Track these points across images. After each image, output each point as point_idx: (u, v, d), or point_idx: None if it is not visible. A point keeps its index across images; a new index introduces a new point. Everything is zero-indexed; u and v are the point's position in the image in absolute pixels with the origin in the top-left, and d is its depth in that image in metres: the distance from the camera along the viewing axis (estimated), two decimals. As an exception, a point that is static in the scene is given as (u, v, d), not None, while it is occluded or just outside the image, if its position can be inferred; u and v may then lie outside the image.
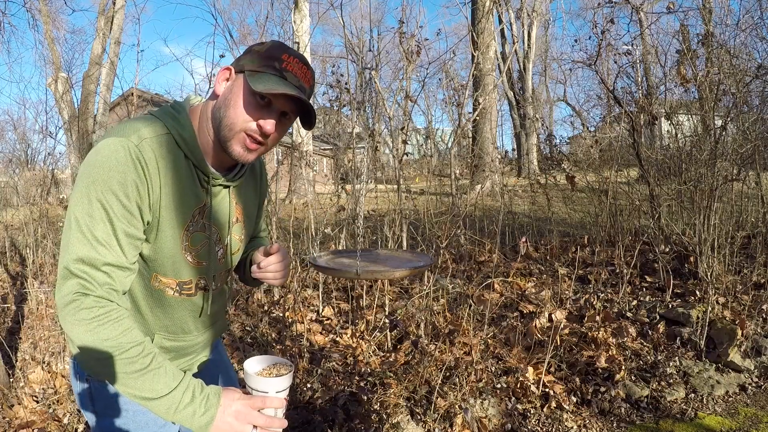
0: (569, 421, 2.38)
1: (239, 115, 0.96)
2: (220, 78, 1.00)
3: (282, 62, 0.95)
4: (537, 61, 20.96)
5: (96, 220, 0.88)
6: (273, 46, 0.98)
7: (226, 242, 1.10)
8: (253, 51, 0.98)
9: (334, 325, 3.27)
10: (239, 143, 0.98)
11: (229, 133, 0.97)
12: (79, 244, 0.87)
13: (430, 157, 6.41)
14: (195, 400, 0.88)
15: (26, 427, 2.39)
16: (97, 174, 0.88)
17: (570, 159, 5.96)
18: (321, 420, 2.25)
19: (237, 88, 0.96)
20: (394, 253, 1.58)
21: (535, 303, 3.51)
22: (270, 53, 0.96)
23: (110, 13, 10.36)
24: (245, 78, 0.95)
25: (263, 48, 0.98)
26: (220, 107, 0.98)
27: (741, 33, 5.31)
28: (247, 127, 0.96)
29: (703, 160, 3.78)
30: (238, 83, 0.97)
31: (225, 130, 0.97)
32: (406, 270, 1.28)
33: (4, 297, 4.41)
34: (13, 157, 12.47)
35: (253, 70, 0.95)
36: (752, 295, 3.31)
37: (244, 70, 0.96)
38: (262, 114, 0.96)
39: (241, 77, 0.97)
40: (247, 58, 0.97)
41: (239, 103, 0.95)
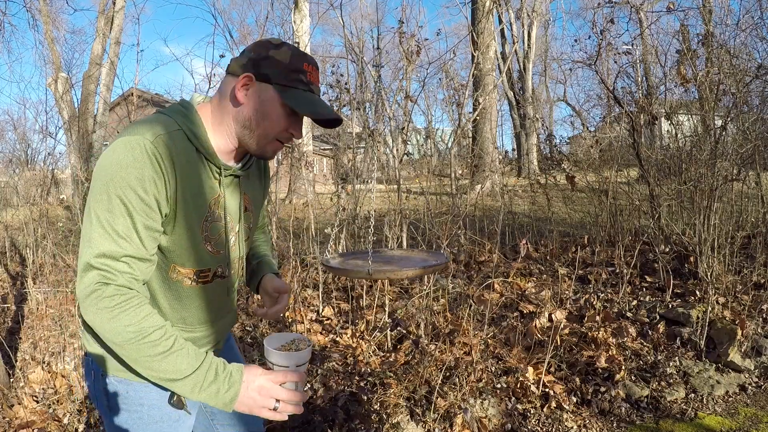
0: (569, 421, 2.38)
1: (275, 127, 1.03)
2: (240, 89, 1.01)
3: (307, 74, 1.03)
4: (537, 61, 20.96)
5: (116, 215, 0.90)
6: (293, 55, 1.02)
7: (237, 230, 1.14)
8: (274, 60, 1.01)
9: (334, 325, 3.27)
10: (272, 148, 1.07)
11: (263, 141, 1.05)
12: (100, 239, 0.90)
13: (430, 157, 6.41)
14: (218, 378, 0.91)
15: (26, 427, 2.39)
16: (114, 171, 0.91)
17: (570, 159, 5.96)
18: (321, 420, 2.25)
19: (269, 100, 1.02)
20: (407, 253, 1.56)
21: (535, 303, 3.51)
22: (294, 65, 1.02)
23: (110, 13, 10.36)
24: (277, 92, 1.01)
25: (285, 57, 1.01)
26: (250, 118, 1.03)
27: (741, 33, 5.31)
28: (280, 135, 1.05)
29: (703, 160, 3.78)
30: (268, 95, 1.02)
31: (260, 138, 1.04)
32: (419, 269, 1.27)
33: (4, 297, 4.41)
34: (13, 157, 12.47)
35: (284, 84, 1.01)
36: (752, 295, 3.31)
37: (272, 81, 1.01)
38: (292, 123, 1.05)
39: (269, 89, 1.01)
40: (271, 68, 1.01)
41: (273, 116, 1.03)
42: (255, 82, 1.01)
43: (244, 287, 3.89)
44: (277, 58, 1.01)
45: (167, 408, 1.08)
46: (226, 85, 1.05)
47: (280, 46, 1.03)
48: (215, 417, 1.28)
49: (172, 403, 1.08)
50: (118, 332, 0.88)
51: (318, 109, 1.03)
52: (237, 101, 1.02)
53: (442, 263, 1.33)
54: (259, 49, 1.02)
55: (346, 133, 6.59)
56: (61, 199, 10.37)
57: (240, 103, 1.02)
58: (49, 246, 5.05)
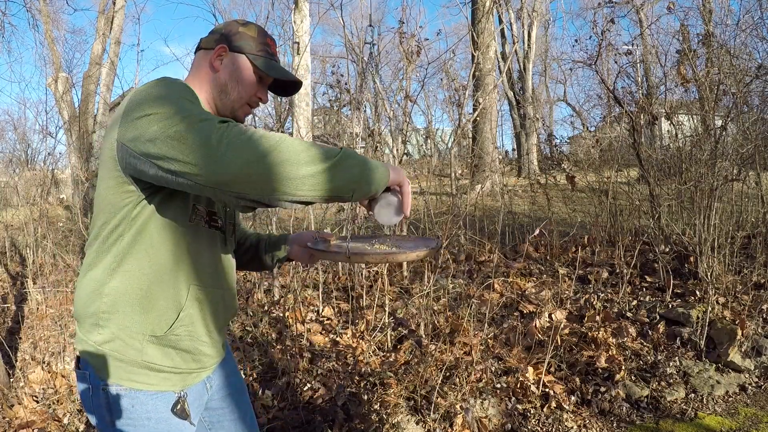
0: (569, 421, 2.38)
1: (248, 90, 1.16)
2: (216, 58, 1.14)
3: (269, 46, 1.18)
4: (537, 61, 20.95)
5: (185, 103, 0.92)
6: (259, 32, 1.18)
7: None
8: (245, 35, 1.15)
9: (334, 325, 3.26)
10: (243, 112, 1.19)
11: (237, 104, 1.17)
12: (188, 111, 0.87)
13: (430, 157, 6.41)
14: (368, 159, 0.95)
15: (26, 427, 2.39)
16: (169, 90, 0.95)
17: (570, 159, 5.96)
18: (321, 420, 2.25)
19: (242, 67, 1.14)
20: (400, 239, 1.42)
21: (535, 303, 3.51)
22: (261, 39, 1.17)
23: (110, 13, 10.36)
24: (250, 60, 1.14)
25: (253, 32, 1.16)
26: (226, 83, 1.14)
27: (741, 33, 5.31)
28: (251, 99, 1.18)
29: (703, 160, 3.78)
30: (242, 63, 1.14)
31: (235, 102, 1.16)
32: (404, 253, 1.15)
33: (4, 297, 4.41)
34: (13, 157, 12.47)
35: (255, 54, 1.15)
36: (752, 295, 3.31)
37: (244, 52, 1.14)
38: (260, 88, 1.19)
39: (242, 57, 1.14)
40: (242, 41, 1.15)
41: (246, 81, 1.15)
42: (229, 53, 1.14)
43: (243, 287, 3.89)
44: (248, 33, 1.16)
45: (173, 420, 1.05)
46: (199, 59, 1.16)
47: (247, 24, 1.18)
48: (213, 426, 1.26)
49: (175, 412, 1.06)
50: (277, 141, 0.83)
51: (284, 73, 1.18)
52: (214, 68, 1.14)
53: (431, 248, 1.19)
54: (229, 27, 1.17)
55: (346, 133, 6.60)
56: (61, 199, 10.37)
57: (216, 71, 1.14)
58: (49, 246, 5.05)
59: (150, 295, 1.01)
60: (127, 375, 1.01)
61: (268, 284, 3.79)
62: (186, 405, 1.08)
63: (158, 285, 1.02)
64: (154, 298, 1.02)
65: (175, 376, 1.07)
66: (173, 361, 1.06)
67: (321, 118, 24.58)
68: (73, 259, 4.99)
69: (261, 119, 9.89)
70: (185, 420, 1.08)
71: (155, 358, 1.03)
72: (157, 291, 1.02)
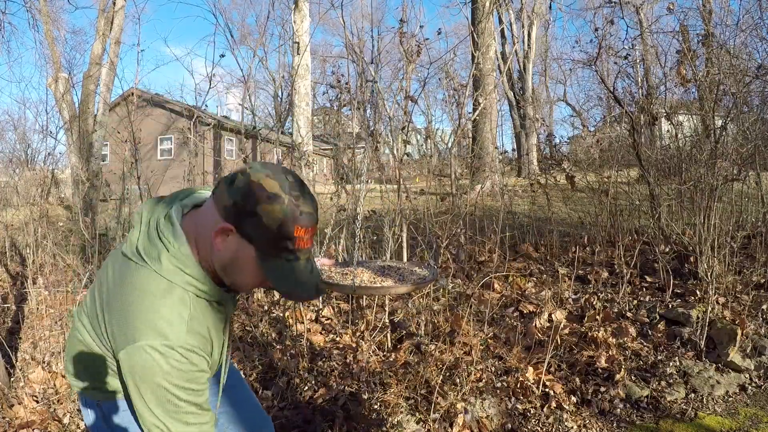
0: (569, 421, 2.38)
1: (249, 281, 1.03)
2: (219, 234, 0.98)
3: (296, 241, 0.96)
4: (537, 61, 20.95)
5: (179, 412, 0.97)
6: (285, 220, 0.94)
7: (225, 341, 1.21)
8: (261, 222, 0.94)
9: (334, 325, 3.26)
10: (247, 289, 1.11)
11: (237, 286, 1.06)
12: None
13: (430, 157, 6.41)
14: None
15: (26, 427, 2.39)
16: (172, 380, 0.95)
17: (570, 159, 5.96)
18: (321, 420, 2.26)
19: (246, 259, 0.98)
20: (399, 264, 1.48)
21: (535, 303, 3.51)
22: (282, 233, 0.94)
23: (110, 13, 10.35)
24: (257, 258, 0.97)
25: (274, 221, 0.94)
26: (226, 266, 1.01)
27: (741, 33, 5.31)
28: (254, 286, 1.08)
29: (703, 160, 3.78)
30: (246, 254, 0.98)
31: (234, 284, 1.05)
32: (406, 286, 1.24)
33: (4, 297, 4.40)
34: (13, 157, 12.46)
35: (265, 252, 0.97)
36: (752, 295, 3.31)
37: (253, 244, 0.96)
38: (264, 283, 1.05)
39: (249, 249, 0.97)
40: (255, 230, 0.95)
41: (249, 274, 1.01)
42: (235, 234, 0.96)
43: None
44: (265, 222, 0.93)
45: None
46: (208, 212, 1.00)
47: (274, 200, 0.93)
48: (220, 417, 1.30)
49: None
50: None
51: (296, 288, 1.01)
52: (214, 246, 0.99)
53: (429, 280, 1.29)
54: (247, 199, 0.94)
55: (346, 133, 6.59)
56: (62, 199, 10.37)
57: (218, 249, 0.99)
58: (49, 246, 5.05)
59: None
60: (114, 394, 1.12)
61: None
62: None
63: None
64: None
65: None
66: None
67: (321, 118, 24.51)
68: (73, 259, 4.99)
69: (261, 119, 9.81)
70: None
71: None
72: None
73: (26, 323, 3.78)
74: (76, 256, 5.08)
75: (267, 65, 27.27)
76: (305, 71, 8.85)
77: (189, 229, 1.02)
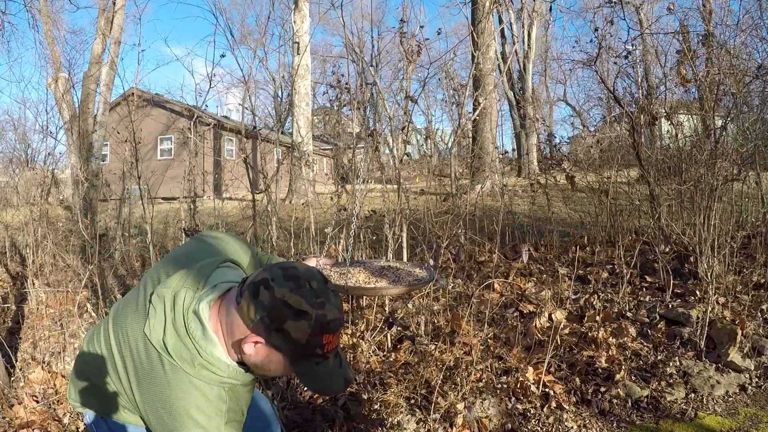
0: (569, 421, 2.38)
1: (280, 375, 1.08)
2: (247, 343, 1.00)
3: (324, 347, 0.99)
4: (537, 61, 20.96)
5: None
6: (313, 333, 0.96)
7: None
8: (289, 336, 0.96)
9: (334, 325, 3.26)
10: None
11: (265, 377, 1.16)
12: None
13: (430, 157, 6.41)
14: None
15: (26, 427, 2.39)
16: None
17: (570, 159, 5.96)
18: (321, 420, 2.26)
19: (277, 363, 1.02)
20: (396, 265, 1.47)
21: (535, 303, 3.51)
22: (311, 344, 0.97)
23: (110, 12, 10.35)
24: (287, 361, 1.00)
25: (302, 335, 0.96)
26: (257, 366, 1.04)
27: (741, 33, 5.31)
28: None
29: (703, 160, 3.78)
30: (276, 360, 1.01)
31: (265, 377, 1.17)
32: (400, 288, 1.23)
33: (4, 297, 4.40)
34: (13, 157, 12.46)
35: (295, 358, 1.00)
36: (752, 295, 3.31)
37: (282, 352, 0.99)
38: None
39: (279, 355, 1.00)
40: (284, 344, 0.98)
41: (279, 371, 1.04)
42: (265, 344, 0.99)
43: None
44: (293, 336, 0.96)
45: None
46: (234, 319, 1.01)
47: (301, 317, 0.95)
48: None
49: None
50: None
51: (326, 387, 1.04)
52: (243, 351, 1.01)
53: (424, 282, 1.29)
54: (274, 317, 0.96)
55: (346, 133, 6.59)
56: (61, 199, 10.37)
57: (248, 354, 1.01)
58: (49, 246, 5.05)
59: None
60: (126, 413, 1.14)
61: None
62: None
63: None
64: None
65: None
66: None
67: (321, 118, 24.47)
68: (73, 259, 4.99)
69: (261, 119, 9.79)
70: None
71: None
72: None
73: (26, 323, 3.78)
74: (76, 256, 5.08)
75: (267, 65, 27.30)
76: (305, 71, 8.84)
77: (218, 329, 1.04)
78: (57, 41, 12.44)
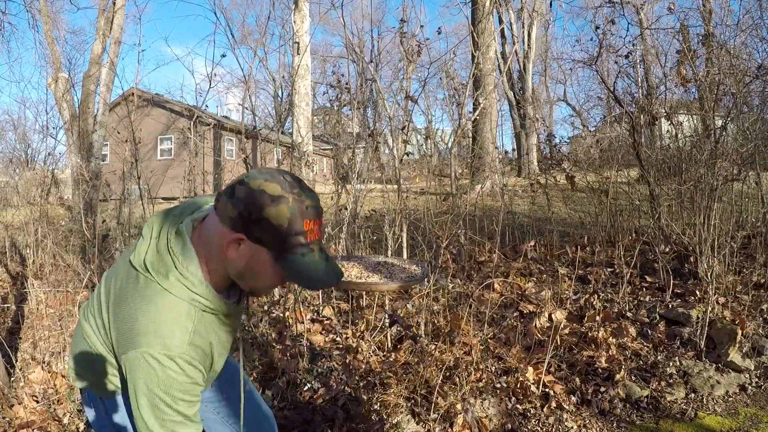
0: (569, 421, 2.38)
1: (267, 283, 1.06)
2: (230, 244, 0.99)
3: (306, 234, 0.97)
4: (537, 61, 20.96)
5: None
6: (292, 216, 0.95)
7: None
8: (269, 224, 0.95)
9: (334, 325, 3.26)
10: (265, 292, 1.17)
11: (256, 291, 1.11)
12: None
13: (430, 157, 6.41)
14: None
15: (26, 427, 2.39)
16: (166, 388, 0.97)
17: (570, 159, 5.96)
18: (321, 420, 2.26)
19: (262, 263, 1.00)
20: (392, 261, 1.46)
21: (535, 303, 3.51)
22: (292, 229, 0.96)
23: (110, 12, 10.35)
24: (272, 258, 0.98)
25: (282, 220, 0.95)
26: (243, 274, 1.03)
27: (741, 33, 5.31)
28: (273, 287, 1.12)
29: (703, 160, 3.78)
30: (261, 258, 0.99)
31: (253, 289, 1.09)
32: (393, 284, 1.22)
33: (4, 297, 4.40)
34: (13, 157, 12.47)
35: (279, 251, 0.98)
36: (752, 295, 3.31)
37: (266, 246, 0.97)
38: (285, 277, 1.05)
39: (263, 251, 0.98)
40: (265, 233, 0.96)
41: (267, 276, 1.02)
42: (247, 241, 0.98)
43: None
44: (273, 223, 0.95)
45: None
46: (214, 230, 1.01)
47: (279, 201, 0.95)
48: (220, 411, 1.34)
49: None
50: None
51: (314, 278, 1.00)
52: (227, 256, 1.00)
53: (419, 279, 1.27)
54: (252, 206, 0.95)
55: (346, 133, 6.59)
56: (62, 199, 10.37)
57: (230, 258, 1.00)
58: (49, 246, 5.05)
59: None
60: (114, 392, 1.14)
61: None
62: None
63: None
64: None
65: None
66: None
67: (321, 118, 24.44)
68: (73, 259, 4.99)
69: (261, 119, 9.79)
70: None
71: None
72: None
73: (26, 323, 3.78)
74: (76, 256, 5.08)
75: (267, 65, 27.29)
76: (305, 71, 8.84)
77: (198, 246, 1.04)
78: (57, 41, 12.45)
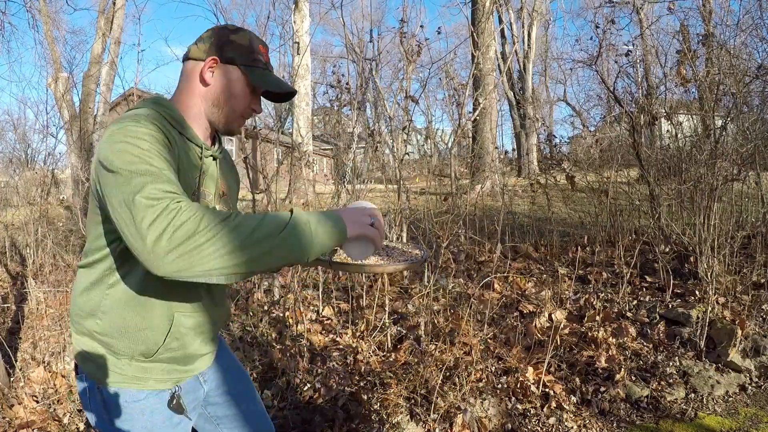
0: (569, 421, 2.38)
1: (241, 103, 1.14)
2: (206, 71, 1.10)
3: (261, 54, 1.14)
4: (537, 61, 20.97)
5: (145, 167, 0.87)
6: (251, 39, 1.13)
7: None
8: (236, 44, 1.11)
9: (334, 325, 3.26)
10: (237, 124, 1.18)
11: (231, 116, 1.15)
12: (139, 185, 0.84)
13: (430, 157, 6.41)
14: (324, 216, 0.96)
15: (26, 427, 2.39)
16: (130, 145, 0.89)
17: (570, 159, 5.96)
18: (321, 420, 2.26)
19: (235, 80, 1.11)
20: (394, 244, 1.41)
21: (535, 303, 3.51)
22: (252, 47, 1.12)
23: (110, 13, 10.35)
24: (243, 72, 1.11)
25: (244, 40, 1.12)
26: (218, 96, 1.12)
27: (741, 33, 5.31)
28: (245, 111, 1.16)
29: (703, 160, 3.78)
30: (234, 75, 1.11)
31: (228, 115, 1.14)
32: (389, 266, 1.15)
33: (4, 297, 4.41)
34: (13, 157, 12.48)
35: (246, 64, 1.11)
36: (752, 295, 3.31)
37: (236, 63, 1.10)
38: (254, 99, 1.17)
39: (234, 69, 1.11)
40: (234, 51, 1.10)
41: (239, 94, 1.13)
42: (220, 64, 1.10)
43: (243, 286, 3.89)
44: (239, 42, 1.11)
45: (167, 411, 1.09)
46: (189, 71, 1.12)
47: (238, 31, 1.13)
48: (221, 422, 1.28)
49: (171, 407, 1.09)
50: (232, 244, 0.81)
51: (280, 84, 1.15)
52: (205, 82, 1.10)
53: (416, 262, 1.19)
54: (219, 35, 1.11)
55: (346, 133, 6.59)
56: (61, 199, 10.37)
57: (207, 84, 1.10)
58: (49, 246, 5.05)
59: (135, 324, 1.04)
60: (121, 378, 1.05)
61: (268, 284, 3.79)
62: (181, 400, 1.11)
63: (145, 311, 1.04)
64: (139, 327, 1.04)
65: (167, 378, 1.10)
66: (165, 368, 1.09)
67: (321, 118, 24.46)
68: (73, 259, 4.99)
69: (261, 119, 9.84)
70: (181, 414, 1.11)
71: (147, 371, 1.07)
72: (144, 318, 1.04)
73: (26, 323, 3.78)
74: (76, 256, 5.08)
75: (267, 65, 27.19)
76: (305, 71, 8.84)
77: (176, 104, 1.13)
78: (57, 41, 12.44)
